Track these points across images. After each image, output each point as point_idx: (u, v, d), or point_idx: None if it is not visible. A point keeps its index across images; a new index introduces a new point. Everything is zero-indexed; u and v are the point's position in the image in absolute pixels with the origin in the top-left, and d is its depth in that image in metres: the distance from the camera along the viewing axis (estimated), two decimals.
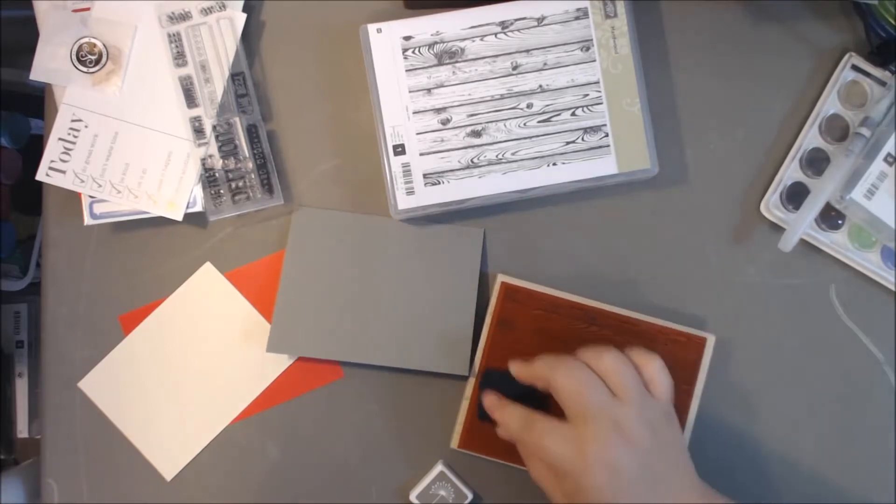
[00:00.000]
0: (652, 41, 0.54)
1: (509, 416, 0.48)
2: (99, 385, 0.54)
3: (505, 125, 0.51)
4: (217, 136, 0.52)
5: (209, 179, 0.52)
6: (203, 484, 0.53)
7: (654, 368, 0.46)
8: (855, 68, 0.54)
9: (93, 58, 0.51)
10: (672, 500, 0.43)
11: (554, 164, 0.51)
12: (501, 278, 0.53)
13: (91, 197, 0.52)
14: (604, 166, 0.51)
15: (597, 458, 0.43)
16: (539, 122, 0.51)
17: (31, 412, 0.86)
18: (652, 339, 0.52)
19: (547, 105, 0.51)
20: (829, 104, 0.54)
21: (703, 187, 0.55)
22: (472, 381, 0.52)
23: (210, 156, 0.52)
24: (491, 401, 0.49)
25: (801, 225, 0.51)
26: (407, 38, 0.51)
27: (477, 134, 0.51)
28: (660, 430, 0.45)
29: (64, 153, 0.51)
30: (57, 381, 0.54)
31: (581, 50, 0.51)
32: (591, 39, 0.51)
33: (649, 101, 0.52)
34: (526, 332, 0.52)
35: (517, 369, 0.49)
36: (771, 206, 0.54)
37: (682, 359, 0.52)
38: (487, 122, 0.51)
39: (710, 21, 0.55)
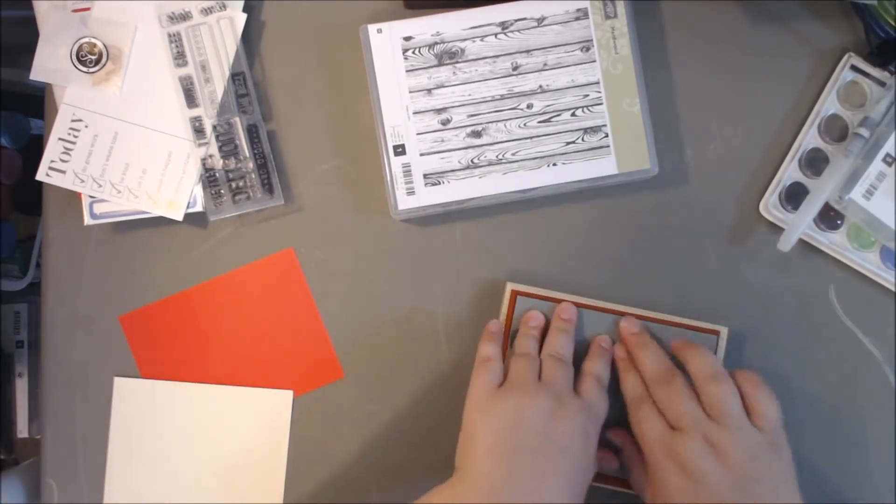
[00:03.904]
0: (652, 41, 0.54)
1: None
2: (129, 395, 0.53)
3: (505, 125, 0.51)
4: (217, 136, 0.52)
5: (209, 179, 0.52)
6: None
7: (760, 397, 0.46)
8: (854, 68, 0.54)
9: (93, 58, 0.51)
10: None
11: (554, 165, 0.51)
12: (511, 286, 0.52)
13: (91, 197, 0.52)
14: (604, 166, 0.51)
15: (684, 465, 0.43)
16: (539, 122, 0.51)
17: (31, 412, 0.86)
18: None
19: (547, 105, 0.51)
20: (829, 104, 0.54)
21: (703, 187, 0.55)
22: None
23: (210, 156, 0.52)
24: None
25: (801, 225, 0.51)
26: (407, 39, 0.51)
27: (477, 134, 0.51)
28: (761, 458, 0.43)
29: (64, 153, 0.51)
30: (57, 381, 0.54)
31: (581, 50, 0.51)
32: (592, 40, 0.51)
33: (649, 101, 0.52)
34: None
35: (616, 351, 0.51)
36: (770, 207, 0.54)
37: None
38: (488, 123, 0.51)
39: (710, 21, 0.55)
